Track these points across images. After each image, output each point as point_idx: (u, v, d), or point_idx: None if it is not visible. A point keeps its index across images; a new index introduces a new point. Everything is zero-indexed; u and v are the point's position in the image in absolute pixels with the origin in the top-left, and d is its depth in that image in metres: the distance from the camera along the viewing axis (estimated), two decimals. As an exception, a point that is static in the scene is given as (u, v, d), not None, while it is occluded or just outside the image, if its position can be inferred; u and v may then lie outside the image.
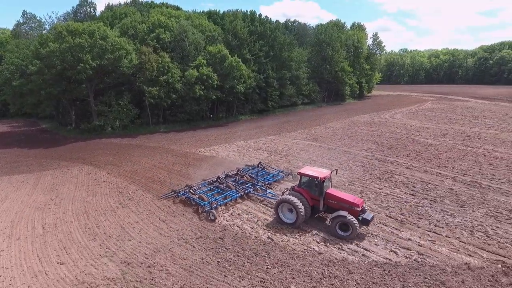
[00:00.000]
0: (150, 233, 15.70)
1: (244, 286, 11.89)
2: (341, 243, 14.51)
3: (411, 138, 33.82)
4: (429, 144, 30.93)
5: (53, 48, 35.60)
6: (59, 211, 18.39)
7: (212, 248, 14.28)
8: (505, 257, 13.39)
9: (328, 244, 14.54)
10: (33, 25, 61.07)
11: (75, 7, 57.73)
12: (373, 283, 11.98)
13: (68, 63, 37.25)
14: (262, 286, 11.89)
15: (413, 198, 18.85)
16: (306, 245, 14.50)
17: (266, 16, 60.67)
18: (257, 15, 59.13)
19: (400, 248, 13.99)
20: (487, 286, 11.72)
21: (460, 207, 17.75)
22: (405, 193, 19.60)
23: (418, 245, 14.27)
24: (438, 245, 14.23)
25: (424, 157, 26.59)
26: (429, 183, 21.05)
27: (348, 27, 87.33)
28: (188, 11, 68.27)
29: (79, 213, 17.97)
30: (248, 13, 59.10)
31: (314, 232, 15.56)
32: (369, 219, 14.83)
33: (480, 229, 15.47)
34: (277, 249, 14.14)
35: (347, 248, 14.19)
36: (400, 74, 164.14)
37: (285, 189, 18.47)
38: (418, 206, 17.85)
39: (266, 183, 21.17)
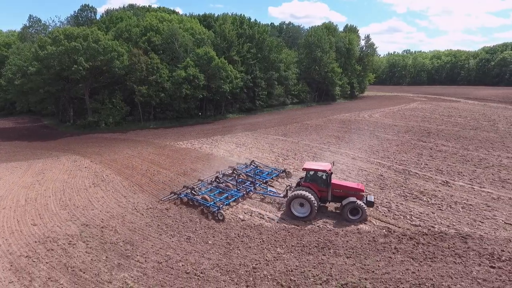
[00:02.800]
0: (111, 205, 18.98)
1: (172, 241, 15.03)
2: (264, 214, 17.51)
3: (374, 134, 36.50)
4: (386, 139, 33.62)
5: (51, 50, 39.37)
6: (41, 188, 21.83)
7: (157, 216, 17.45)
8: (393, 225, 16.21)
9: (252, 214, 17.56)
10: (38, 28, 65.43)
11: (76, 12, 61.62)
12: (275, 240, 14.98)
13: (65, 64, 41.03)
14: (187, 241, 15.02)
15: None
16: (234, 215, 17.56)
17: (255, 20, 63.82)
18: (246, 19, 62.34)
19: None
20: (365, 243, 14.60)
21: (380, 189, 20.56)
22: (339, 178, 22.42)
23: (328, 217, 17.17)
24: (343, 216, 17.10)
25: (373, 150, 29.34)
26: (365, 171, 23.85)
27: (341, 29, 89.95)
28: (185, 14, 72.08)
29: (57, 191, 21.37)
30: (238, 16, 62.23)
31: (246, 206, 18.60)
32: (372, 201, 16.69)
33: (386, 205, 18.28)
34: (209, 217, 17.23)
35: (267, 217, 17.20)
36: (402, 75, 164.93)
37: (287, 186, 19.19)
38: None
39: (264, 181, 21.30)
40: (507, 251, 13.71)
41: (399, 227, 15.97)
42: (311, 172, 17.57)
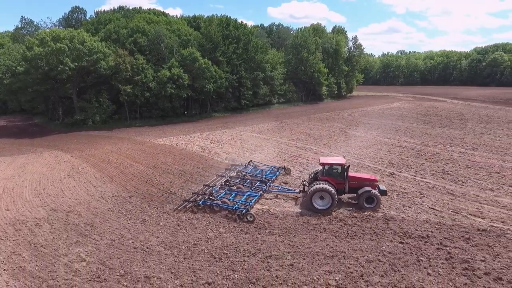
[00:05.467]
0: (80, 193, 20.79)
1: (128, 223, 16.86)
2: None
3: (344, 131, 38.37)
4: (354, 136, 35.50)
5: (38, 51, 41.14)
6: (20, 180, 23.63)
7: (120, 203, 19.29)
8: (330, 210, 18.03)
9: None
10: (30, 29, 67.27)
11: (67, 13, 63.42)
12: (220, 222, 16.80)
13: (52, 65, 42.79)
14: (141, 223, 16.85)
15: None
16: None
17: (241, 21, 65.63)
18: (232, 20, 64.16)
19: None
20: (299, 225, 16.41)
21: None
22: (300, 171, 24.21)
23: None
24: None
25: (338, 146, 31.22)
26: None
27: (329, 30, 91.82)
28: (182, 15, 73.92)
29: (34, 181, 23.17)
30: (224, 18, 64.03)
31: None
32: (385, 189, 18.10)
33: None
34: (171, 201, 19.06)
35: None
36: (395, 76, 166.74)
37: (303, 181, 20.16)
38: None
39: (270, 179, 21.66)
40: (420, 230, 15.56)
41: (333, 211, 17.80)
42: (327, 167, 18.44)
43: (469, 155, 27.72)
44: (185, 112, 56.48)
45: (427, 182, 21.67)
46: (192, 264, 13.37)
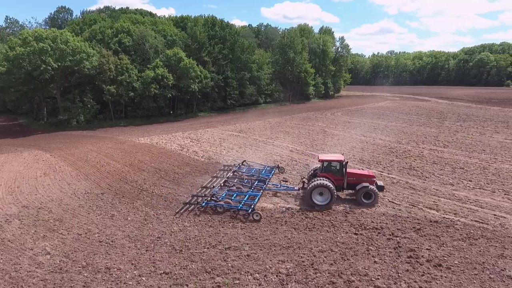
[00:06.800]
0: (54, 191, 21.18)
1: (97, 219, 17.33)
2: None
3: (323, 130, 39.20)
4: (332, 135, 36.34)
5: (20, 51, 41.22)
6: (-5, 178, 23.91)
7: (91, 199, 19.74)
8: (294, 205, 18.70)
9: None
10: (16, 29, 67.03)
11: (52, 13, 63.36)
12: (186, 216, 17.37)
13: (35, 65, 42.86)
14: (110, 218, 17.34)
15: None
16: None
17: (227, 22, 66.21)
18: (218, 20, 64.70)
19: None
20: (263, 218, 17.04)
21: (300, 175, 23.10)
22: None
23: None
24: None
25: (313, 144, 31.99)
26: (295, 161, 26.40)
27: (317, 31, 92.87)
28: (163, 16, 74.22)
29: (9, 180, 23.46)
30: (210, 18, 64.54)
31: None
32: (383, 185, 18.53)
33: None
34: (142, 198, 19.55)
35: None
36: (385, 76, 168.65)
37: (302, 178, 20.50)
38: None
39: (267, 178, 21.78)
40: (376, 222, 16.30)
41: (298, 206, 18.49)
42: (326, 163, 18.82)
43: (438, 152, 28.68)
44: (171, 112, 56.91)
45: (392, 177, 22.49)
46: (153, 256, 13.91)
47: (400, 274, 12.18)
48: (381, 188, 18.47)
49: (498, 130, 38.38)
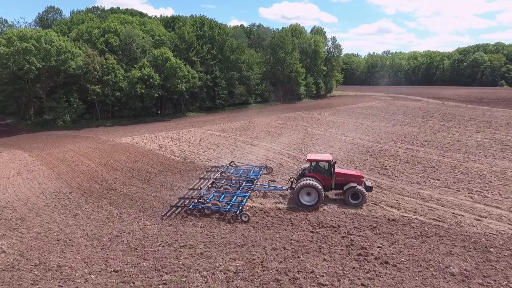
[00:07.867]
0: (23, 190, 21.26)
1: (60, 218, 17.41)
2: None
3: (305, 129, 39.36)
4: (313, 134, 36.49)
5: (3, 51, 41.25)
6: (-32, 178, 23.96)
7: (58, 198, 19.83)
8: (260, 204, 18.82)
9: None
10: (5, 29, 66.93)
11: (41, 13, 63.33)
12: (149, 215, 17.47)
13: (20, 64, 42.88)
14: (73, 217, 17.41)
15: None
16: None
17: (216, 22, 66.21)
18: (207, 20, 64.80)
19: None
20: (225, 218, 17.16)
21: (271, 175, 23.22)
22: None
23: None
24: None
25: (292, 143, 32.14)
26: (269, 160, 26.52)
27: (308, 31, 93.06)
28: (154, 16, 74.26)
29: (-19, 179, 23.54)
30: (198, 18, 64.64)
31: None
32: (371, 185, 18.38)
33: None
34: (109, 197, 19.64)
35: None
36: (380, 76, 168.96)
37: (291, 178, 20.34)
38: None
39: (256, 178, 21.46)
40: (335, 220, 16.43)
41: (264, 205, 18.60)
42: (314, 163, 18.71)
43: (414, 151, 28.85)
44: (159, 112, 56.97)
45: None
46: (107, 254, 14.00)
47: (345, 271, 12.29)
48: (369, 189, 18.29)
49: (479, 129, 38.61)
